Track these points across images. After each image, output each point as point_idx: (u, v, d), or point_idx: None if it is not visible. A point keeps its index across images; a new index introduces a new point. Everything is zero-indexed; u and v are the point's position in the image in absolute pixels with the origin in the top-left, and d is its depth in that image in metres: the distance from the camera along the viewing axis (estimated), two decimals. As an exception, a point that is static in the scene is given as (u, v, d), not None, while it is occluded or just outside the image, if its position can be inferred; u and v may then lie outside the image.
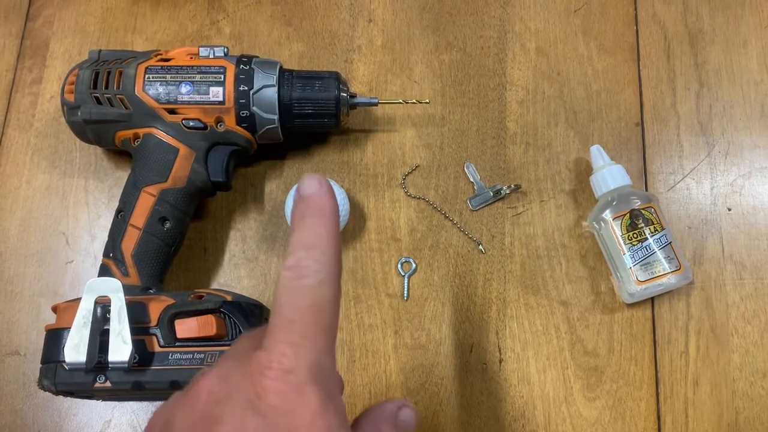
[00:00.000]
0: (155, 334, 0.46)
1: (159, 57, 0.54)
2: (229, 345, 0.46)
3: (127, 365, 0.44)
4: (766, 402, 0.55)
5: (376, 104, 0.58)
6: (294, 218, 0.29)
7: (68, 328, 0.45)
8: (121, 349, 0.44)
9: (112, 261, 0.51)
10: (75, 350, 0.44)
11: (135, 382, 0.46)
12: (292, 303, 0.27)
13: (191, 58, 0.54)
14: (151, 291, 0.50)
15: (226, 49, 0.55)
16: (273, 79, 0.54)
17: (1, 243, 0.59)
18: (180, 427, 0.26)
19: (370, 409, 0.31)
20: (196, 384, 0.27)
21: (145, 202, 0.52)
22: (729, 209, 0.59)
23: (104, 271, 0.51)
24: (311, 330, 0.26)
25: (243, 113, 0.53)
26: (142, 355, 0.46)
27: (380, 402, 0.31)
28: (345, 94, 0.56)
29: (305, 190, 0.29)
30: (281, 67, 0.55)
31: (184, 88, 0.53)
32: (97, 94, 0.53)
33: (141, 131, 0.53)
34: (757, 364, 0.55)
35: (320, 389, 0.25)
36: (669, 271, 0.54)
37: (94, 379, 0.45)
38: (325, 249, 0.28)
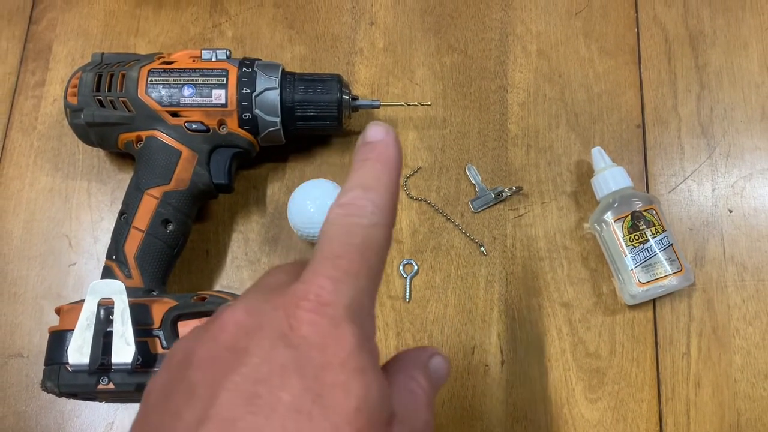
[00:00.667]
0: (158, 336, 0.46)
1: (162, 60, 0.54)
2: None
3: (130, 367, 0.44)
4: (768, 403, 0.55)
5: (377, 107, 0.58)
6: (355, 160, 0.27)
7: (71, 330, 0.45)
8: (124, 350, 0.44)
9: (114, 263, 0.51)
10: (78, 352, 0.44)
11: (138, 383, 0.46)
12: (340, 239, 0.25)
13: (194, 60, 0.55)
14: (154, 293, 0.50)
15: (228, 52, 0.55)
16: (275, 82, 0.54)
17: (4, 245, 0.59)
18: (201, 360, 0.24)
19: (400, 354, 0.29)
20: (220, 316, 0.25)
21: (148, 205, 0.52)
22: (730, 211, 0.59)
23: (107, 274, 0.51)
24: (356, 268, 0.25)
25: (245, 116, 0.54)
26: (145, 357, 0.46)
27: (411, 348, 0.29)
28: (347, 97, 0.56)
29: (372, 137, 0.28)
30: (283, 69, 0.55)
31: (186, 91, 0.53)
32: (100, 97, 0.53)
33: (144, 134, 0.53)
34: (759, 365, 0.55)
35: (357, 328, 0.24)
36: (670, 272, 0.54)
37: (98, 381, 0.45)
38: (383, 193, 0.26)
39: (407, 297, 0.57)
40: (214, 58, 0.55)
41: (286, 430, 0.22)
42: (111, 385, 0.45)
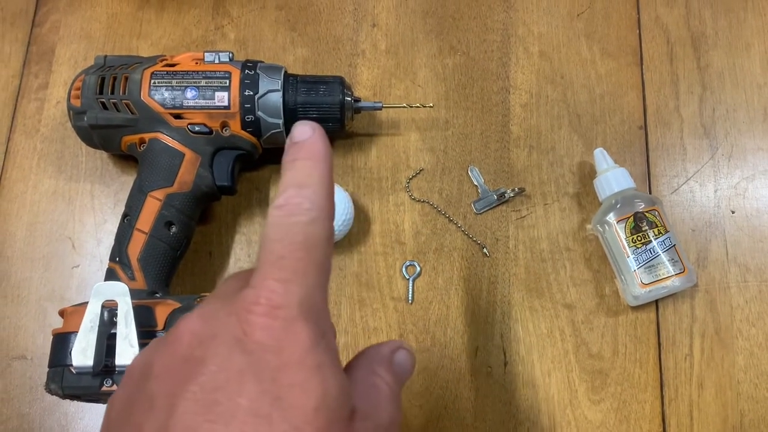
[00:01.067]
0: (162, 338, 0.46)
1: (164, 62, 0.55)
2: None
3: (133, 369, 0.44)
4: (771, 404, 0.55)
5: (380, 108, 0.58)
6: (285, 161, 0.28)
7: (75, 332, 0.45)
8: (128, 352, 0.45)
9: (118, 265, 0.51)
10: (82, 354, 0.44)
11: (142, 385, 0.46)
12: (282, 239, 0.25)
13: (196, 63, 0.55)
14: (157, 295, 0.50)
15: (231, 54, 0.55)
16: (278, 84, 0.54)
17: (7, 247, 0.59)
18: (159, 373, 0.24)
19: (364, 350, 0.29)
20: (176, 327, 0.25)
21: (151, 207, 0.52)
22: (733, 212, 0.59)
23: (111, 276, 0.51)
24: (302, 266, 0.25)
25: (248, 118, 0.54)
26: (149, 359, 0.46)
27: (375, 344, 0.29)
28: (349, 99, 0.56)
29: (299, 137, 0.28)
30: (286, 71, 0.56)
31: (189, 93, 0.53)
32: (103, 99, 0.53)
33: (147, 136, 0.53)
34: (762, 366, 0.55)
35: (311, 326, 0.24)
36: (673, 273, 0.54)
37: (101, 383, 0.46)
38: (317, 189, 0.27)
39: (410, 298, 0.57)
40: (216, 61, 0.55)
41: None
42: (114, 387, 0.46)
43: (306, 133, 0.28)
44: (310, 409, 0.23)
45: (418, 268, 0.58)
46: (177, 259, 0.53)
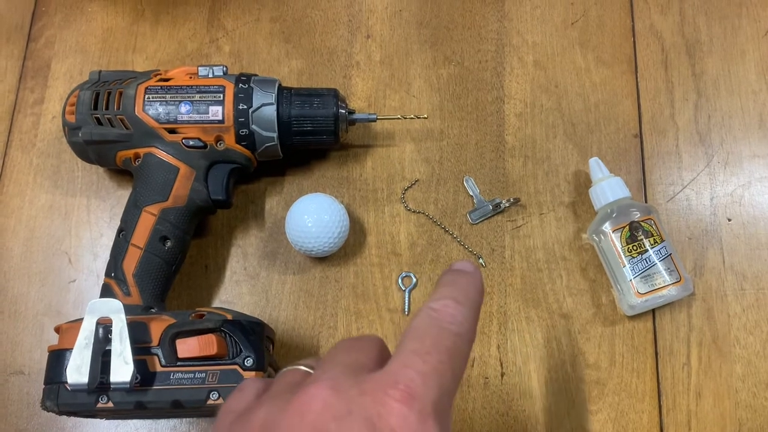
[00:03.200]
0: (157, 354, 0.46)
1: (159, 77, 0.55)
2: (230, 364, 0.46)
3: (129, 386, 0.45)
4: (770, 413, 0.54)
5: (374, 120, 0.58)
6: (444, 279, 0.30)
7: (70, 349, 0.45)
8: (122, 369, 0.45)
9: (113, 280, 0.51)
10: (77, 371, 0.44)
11: (137, 402, 0.46)
12: (432, 338, 0.26)
13: (190, 77, 0.55)
14: (152, 310, 0.50)
15: (225, 68, 0.55)
16: (272, 97, 0.54)
17: (4, 263, 0.59)
18: None
19: None
20: (306, 391, 0.25)
21: (146, 222, 0.52)
22: (729, 219, 0.59)
23: (106, 291, 0.51)
24: (444, 368, 0.26)
25: (242, 132, 0.54)
26: (144, 375, 0.46)
27: None
28: (343, 111, 0.56)
29: (460, 267, 0.30)
30: (280, 84, 0.56)
31: (183, 108, 0.53)
32: (98, 115, 0.53)
33: (141, 151, 0.54)
34: (760, 374, 0.55)
35: (442, 425, 0.24)
36: (669, 282, 0.54)
37: (97, 400, 0.46)
38: (471, 311, 0.28)
39: (406, 310, 0.57)
40: (210, 75, 0.55)
41: None
42: (110, 404, 0.46)
43: (469, 267, 0.31)
44: None
45: (414, 280, 0.58)
46: (172, 274, 0.53)
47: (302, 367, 0.29)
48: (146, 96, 0.53)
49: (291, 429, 0.24)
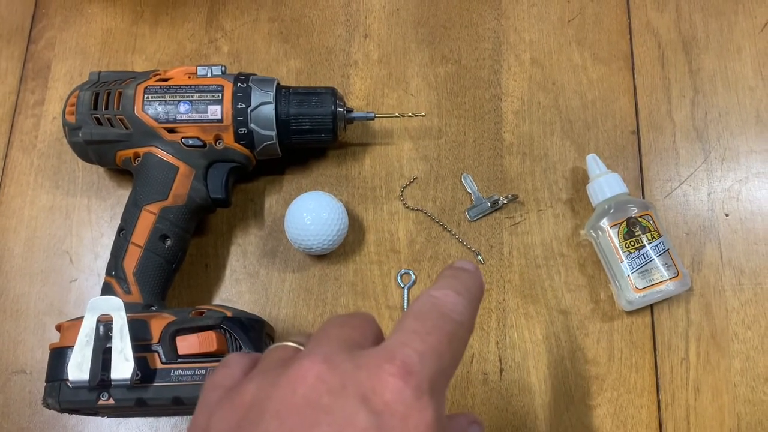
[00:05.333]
0: (157, 351, 0.47)
1: (158, 77, 0.55)
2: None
3: (129, 382, 0.45)
4: (768, 407, 0.55)
5: (372, 118, 0.58)
6: (446, 272, 0.30)
7: (71, 347, 0.45)
8: (123, 366, 0.45)
9: (114, 279, 0.51)
10: (78, 368, 0.44)
11: (138, 398, 0.46)
12: (432, 320, 0.26)
13: (189, 77, 0.55)
14: (153, 308, 0.51)
15: (223, 68, 0.56)
16: (270, 96, 0.55)
17: (6, 263, 0.60)
18: (279, 411, 0.23)
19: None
20: (299, 365, 0.24)
21: (146, 221, 0.52)
22: (726, 215, 0.60)
23: (107, 290, 0.51)
24: (443, 349, 0.25)
25: (241, 130, 0.54)
26: (145, 372, 0.46)
27: (452, 414, 0.29)
28: (341, 109, 0.57)
29: (463, 265, 0.30)
30: (278, 84, 0.56)
31: (182, 107, 0.54)
32: (98, 115, 0.54)
33: (141, 150, 0.54)
34: (758, 369, 0.55)
35: (436, 405, 0.24)
36: (667, 278, 0.54)
37: (98, 397, 0.46)
38: (471, 303, 0.28)
39: (405, 307, 0.57)
40: (209, 74, 0.55)
41: None
42: (111, 401, 0.46)
43: (471, 266, 0.30)
44: None
45: (413, 277, 0.58)
46: (172, 272, 0.53)
47: (291, 344, 0.28)
48: (145, 96, 0.54)
49: (283, 403, 0.23)
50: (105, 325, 0.46)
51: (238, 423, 0.24)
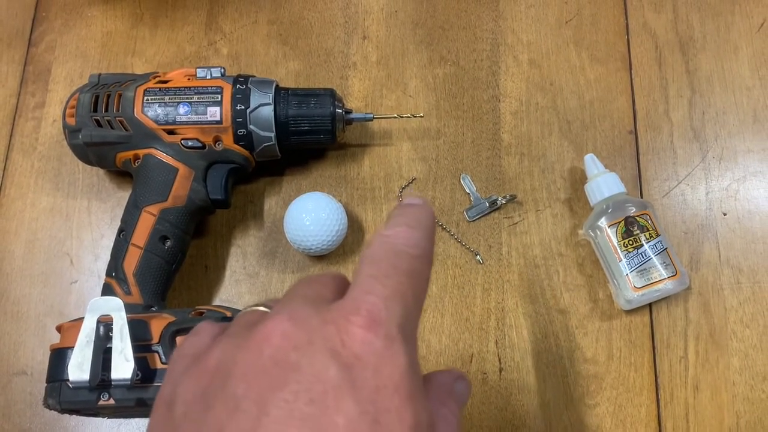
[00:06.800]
0: (157, 351, 0.47)
1: (157, 79, 0.55)
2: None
3: (129, 382, 0.45)
4: (767, 405, 0.55)
5: (371, 119, 0.59)
6: (395, 211, 0.28)
7: (72, 347, 0.46)
8: (123, 366, 0.45)
9: (114, 280, 0.51)
10: (79, 369, 0.45)
11: (138, 398, 0.46)
12: (388, 260, 0.25)
13: (189, 79, 0.55)
14: (153, 309, 0.51)
15: (222, 70, 0.56)
16: (269, 98, 0.55)
17: (6, 264, 0.60)
18: (245, 372, 0.22)
19: (428, 379, 0.28)
20: (264, 325, 0.23)
21: (146, 222, 0.53)
22: (724, 214, 0.60)
23: (107, 291, 0.51)
24: (404, 289, 0.24)
25: (240, 132, 0.54)
26: (145, 372, 0.46)
27: (434, 371, 0.29)
28: (340, 111, 0.57)
29: (411, 200, 0.29)
30: (277, 85, 0.56)
31: (182, 109, 0.54)
32: (98, 117, 0.54)
33: (141, 152, 0.54)
34: (757, 367, 0.56)
35: (408, 350, 0.23)
36: (665, 276, 0.54)
37: (98, 397, 0.46)
38: (425, 234, 0.27)
39: (404, 307, 0.57)
40: (208, 76, 0.55)
41: None
42: (111, 401, 0.46)
43: (419, 200, 0.29)
44: None
45: (412, 277, 0.58)
46: (172, 273, 0.54)
47: (261, 308, 0.27)
48: (145, 98, 0.54)
49: (249, 364, 0.23)
50: (105, 325, 0.46)
51: (204, 390, 0.23)
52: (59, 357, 0.47)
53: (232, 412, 0.22)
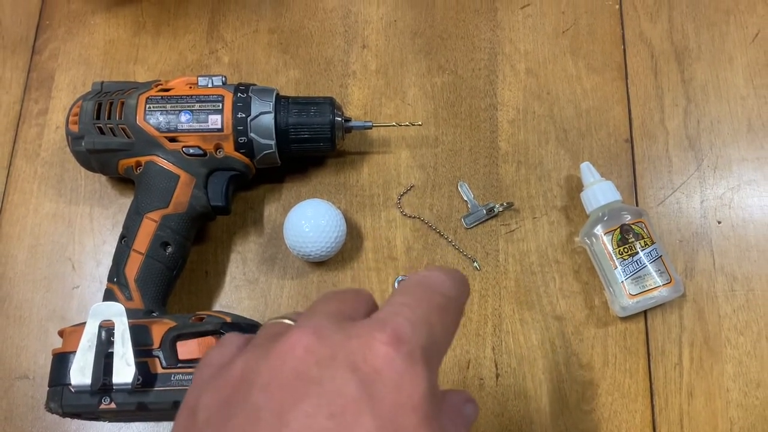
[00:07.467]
0: (158, 356, 0.48)
1: (159, 87, 0.56)
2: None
3: (130, 387, 0.46)
4: (761, 412, 0.55)
5: (370, 127, 0.59)
6: (430, 266, 0.29)
7: (74, 352, 0.46)
8: (124, 371, 0.46)
9: (116, 285, 0.52)
10: (80, 373, 0.45)
11: (139, 402, 0.47)
12: (422, 294, 0.26)
13: (190, 87, 0.56)
14: (154, 314, 0.52)
15: (224, 78, 0.57)
16: (270, 106, 0.56)
17: (9, 269, 0.61)
18: (267, 383, 0.23)
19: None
20: (287, 337, 0.24)
21: (148, 228, 0.53)
22: (719, 222, 0.60)
23: (109, 296, 0.52)
24: (434, 320, 0.25)
25: (241, 139, 0.55)
26: (146, 377, 0.47)
27: (446, 390, 0.28)
28: (340, 119, 0.58)
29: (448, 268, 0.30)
30: (278, 94, 0.57)
31: (183, 117, 0.55)
32: (100, 125, 0.55)
33: (143, 159, 0.55)
34: (751, 374, 0.56)
35: (429, 373, 0.23)
36: (660, 284, 0.55)
37: (100, 401, 0.47)
38: (458, 285, 0.28)
39: (402, 313, 0.58)
40: (210, 85, 0.56)
41: None
42: (113, 405, 0.47)
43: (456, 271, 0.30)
44: None
45: (410, 283, 0.59)
46: (173, 279, 0.54)
47: (285, 320, 0.28)
48: (147, 106, 0.55)
49: (272, 375, 0.23)
50: (107, 330, 0.47)
51: (227, 399, 0.24)
52: (61, 361, 0.48)
53: (253, 422, 0.22)
